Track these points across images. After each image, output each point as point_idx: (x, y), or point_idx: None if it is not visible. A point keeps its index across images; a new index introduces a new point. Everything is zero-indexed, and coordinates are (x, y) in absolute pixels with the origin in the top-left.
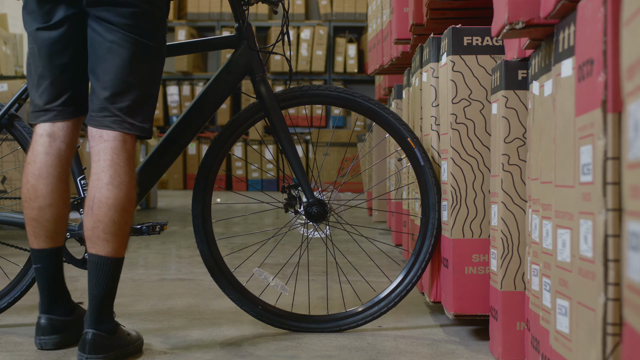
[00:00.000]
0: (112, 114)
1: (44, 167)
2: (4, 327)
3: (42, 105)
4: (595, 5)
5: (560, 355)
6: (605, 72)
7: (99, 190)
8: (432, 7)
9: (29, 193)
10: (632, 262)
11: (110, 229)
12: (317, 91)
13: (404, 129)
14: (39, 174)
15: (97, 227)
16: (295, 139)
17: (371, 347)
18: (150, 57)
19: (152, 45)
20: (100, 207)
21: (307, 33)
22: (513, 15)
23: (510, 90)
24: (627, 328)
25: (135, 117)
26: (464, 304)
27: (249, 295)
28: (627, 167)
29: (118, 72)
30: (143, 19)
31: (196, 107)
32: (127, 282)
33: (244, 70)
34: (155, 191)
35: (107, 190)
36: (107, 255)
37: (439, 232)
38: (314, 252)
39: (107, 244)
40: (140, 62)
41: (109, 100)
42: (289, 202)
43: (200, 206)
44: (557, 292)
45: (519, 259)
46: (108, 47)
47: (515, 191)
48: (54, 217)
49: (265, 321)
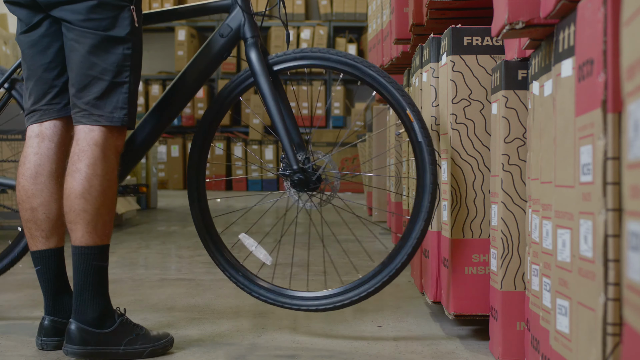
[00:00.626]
0: (81, 109)
1: (33, 167)
2: (4, 327)
3: (30, 106)
4: (595, 5)
5: (560, 355)
6: (605, 72)
7: (65, 181)
8: (432, 7)
9: (20, 194)
10: (632, 262)
11: (72, 217)
12: (317, 53)
13: (405, 100)
14: (29, 174)
15: (65, 217)
16: None
17: (371, 346)
18: (113, 46)
19: (113, 35)
20: (65, 197)
21: (307, 33)
22: (513, 15)
23: (510, 90)
24: (627, 328)
25: (103, 109)
26: (464, 304)
27: (232, 260)
28: (627, 167)
29: (79, 67)
30: (99, 10)
31: (188, 72)
32: (127, 282)
33: (237, 34)
34: (155, 191)
35: (67, 181)
36: (75, 244)
37: (430, 215)
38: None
39: (73, 233)
40: (100, 54)
41: (76, 96)
42: (283, 171)
43: (196, 157)
44: (557, 292)
45: (519, 259)
46: (70, 46)
47: (515, 191)
48: (47, 217)
49: (244, 289)
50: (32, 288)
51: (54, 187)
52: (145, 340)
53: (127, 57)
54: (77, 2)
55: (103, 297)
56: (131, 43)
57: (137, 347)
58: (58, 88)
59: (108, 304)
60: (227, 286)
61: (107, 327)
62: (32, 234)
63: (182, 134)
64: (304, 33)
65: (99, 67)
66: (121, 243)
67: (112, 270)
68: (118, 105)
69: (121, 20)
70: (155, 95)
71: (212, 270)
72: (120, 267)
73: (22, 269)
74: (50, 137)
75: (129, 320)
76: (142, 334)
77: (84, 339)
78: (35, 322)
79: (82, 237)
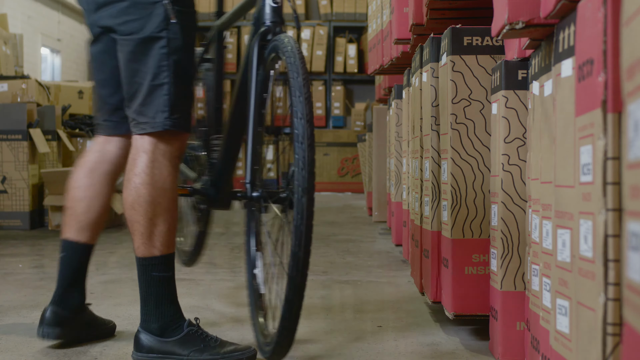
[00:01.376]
0: (131, 119)
1: (92, 162)
2: (4, 327)
3: (94, 118)
4: (595, 5)
5: (560, 355)
6: (605, 72)
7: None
8: (432, 7)
9: (70, 181)
10: (632, 262)
11: (129, 228)
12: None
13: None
14: (86, 166)
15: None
16: None
17: (371, 346)
18: (148, 47)
19: (145, 36)
20: (123, 208)
21: (307, 33)
22: (513, 15)
23: (510, 90)
24: (627, 328)
25: (146, 115)
26: (464, 304)
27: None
28: (627, 167)
29: (125, 77)
30: (132, 11)
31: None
32: (127, 282)
33: (257, 23)
34: None
35: (123, 192)
36: (135, 254)
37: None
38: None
39: (133, 243)
40: (139, 58)
41: (127, 106)
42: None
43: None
44: (557, 292)
45: (519, 259)
46: (118, 59)
47: (515, 191)
48: (87, 211)
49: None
50: (32, 288)
51: (104, 186)
52: (214, 352)
53: (164, 57)
54: (114, 3)
55: (167, 307)
56: (166, 40)
57: (202, 357)
58: (110, 106)
59: (175, 313)
60: (227, 286)
61: (172, 336)
62: (68, 221)
63: None
64: (304, 33)
65: (140, 73)
66: (121, 243)
67: (111, 271)
68: (159, 109)
69: (153, 19)
70: None
71: (212, 270)
72: (120, 267)
73: (22, 269)
74: (115, 143)
75: (200, 331)
76: (213, 346)
77: (149, 347)
78: (35, 322)
79: (139, 248)
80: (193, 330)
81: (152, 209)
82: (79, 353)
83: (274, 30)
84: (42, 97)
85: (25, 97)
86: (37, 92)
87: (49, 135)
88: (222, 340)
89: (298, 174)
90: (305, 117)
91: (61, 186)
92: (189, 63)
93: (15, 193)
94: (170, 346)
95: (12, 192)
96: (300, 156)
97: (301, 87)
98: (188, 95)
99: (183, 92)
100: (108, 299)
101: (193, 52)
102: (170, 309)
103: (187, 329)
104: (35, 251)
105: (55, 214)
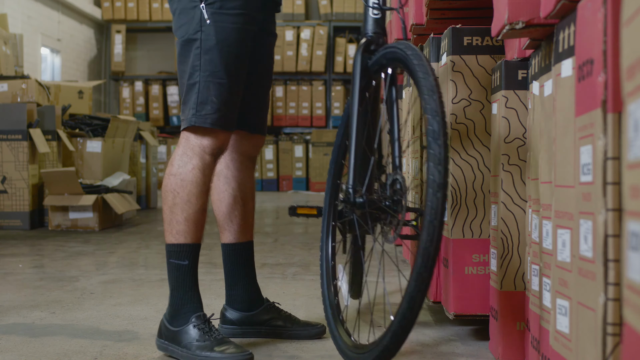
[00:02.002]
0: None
1: (217, 169)
2: (4, 326)
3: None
4: (595, 5)
5: (560, 355)
6: (605, 72)
7: None
8: (432, 7)
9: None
10: (632, 262)
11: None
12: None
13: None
14: (215, 174)
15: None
16: (295, 139)
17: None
18: (187, 49)
19: (184, 38)
20: None
21: (307, 33)
22: (513, 15)
23: (510, 90)
24: (627, 328)
25: (184, 112)
26: (464, 304)
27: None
28: (627, 167)
29: (179, 80)
30: (182, 17)
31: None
32: (127, 282)
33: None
34: (155, 191)
35: None
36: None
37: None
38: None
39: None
40: (184, 60)
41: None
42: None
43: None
44: (557, 292)
45: (519, 259)
46: None
47: (515, 191)
48: (216, 213)
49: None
50: (32, 288)
51: (222, 188)
52: (209, 348)
53: (197, 57)
54: (174, 13)
55: (179, 295)
56: (199, 42)
57: (194, 352)
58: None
59: (186, 303)
60: None
61: (177, 325)
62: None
63: None
64: (304, 33)
65: (183, 74)
66: (121, 243)
67: (112, 270)
68: (191, 106)
69: (193, 22)
70: (155, 95)
71: (212, 270)
72: (120, 267)
73: (22, 269)
74: (229, 148)
75: (203, 325)
76: (213, 342)
77: (161, 331)
78: (35, 322)
79: (165, 234)
80: (197, 324)
81: (171, 198)
82: (79, 353)
83: (377, 41)
84: (42, 97)
85: (25, 97)
86: (37, 92)
87: (49, 135)
88: (225, 339)
89: (434, 169)
90: (440, 115)
91: (61, 186)
92: (226, 61)
93: (15, 193)
94: (173, 334)
95: (12, 192)
96: (437, 152)
97: (433, 87)
98: (223, 93)
99: (216, 90)
100: (108, 298)
101: (232, 50)
102: (181, 297)
103: (193, 321)
104: (35, 251)
105: (55, 214)
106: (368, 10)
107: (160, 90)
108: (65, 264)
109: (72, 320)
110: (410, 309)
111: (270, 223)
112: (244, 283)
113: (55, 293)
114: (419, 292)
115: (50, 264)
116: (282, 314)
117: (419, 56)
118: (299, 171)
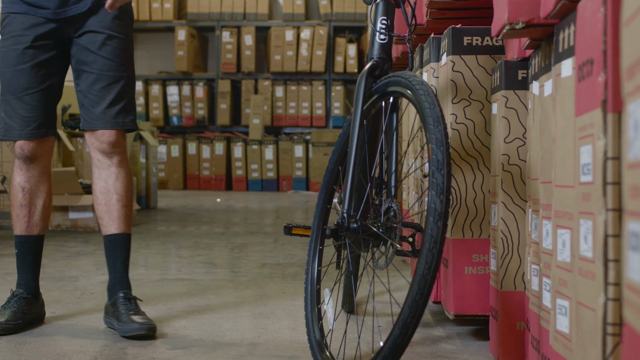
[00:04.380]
0: None
1: None
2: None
3: None
4: (595, 5)
5: (560, 355)
6: (605, 72)
7: None
8: (432, 7)
9: None
10: (632, 262)
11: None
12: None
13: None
14: None
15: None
16: (295, 139)
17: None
18: None
19: None
20: None
21: (307, 33)
22: (513, 15)
23: (510, 90)
24: (627, 328)
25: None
26: (464, 304)
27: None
28: (627, 167)
29: None
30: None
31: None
32: None
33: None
34: (155, 191)
35: None
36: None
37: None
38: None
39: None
40: None
41: None
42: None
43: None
44: (557, 292)
45: (519, 259)
46: None
47: (515, 191)
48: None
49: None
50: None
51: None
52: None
53: None
54: None
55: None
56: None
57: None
58: None
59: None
60: (226, 286)
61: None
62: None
63: (182, 134)
64: (304, 33)
65: None
66: None
67: None
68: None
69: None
70: (155, 95)
71: (212, 271)
72: None
73: None
74: None
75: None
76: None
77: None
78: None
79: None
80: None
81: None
82: (78, 353)
83: (382, 66)
84: None
85: None
86: None
87: None
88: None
89: (436, 197)
90: (445, 146)
91: (61, 186)
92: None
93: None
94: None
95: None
96: (439, 181)
97: (439, 118)
98: (6, 107)
99: (4, 106)
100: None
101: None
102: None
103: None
104: None
105: (55, 214)
106: (375, 35)
107: (160, 90)
108: (65, 264)
109: (72, 320)
110: (403, 335)
111: (270, 223)
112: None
113: (55, 293)
114: (413, 319)
115: (50, 264)
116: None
117: (425, 86)
118: (299, 171)
